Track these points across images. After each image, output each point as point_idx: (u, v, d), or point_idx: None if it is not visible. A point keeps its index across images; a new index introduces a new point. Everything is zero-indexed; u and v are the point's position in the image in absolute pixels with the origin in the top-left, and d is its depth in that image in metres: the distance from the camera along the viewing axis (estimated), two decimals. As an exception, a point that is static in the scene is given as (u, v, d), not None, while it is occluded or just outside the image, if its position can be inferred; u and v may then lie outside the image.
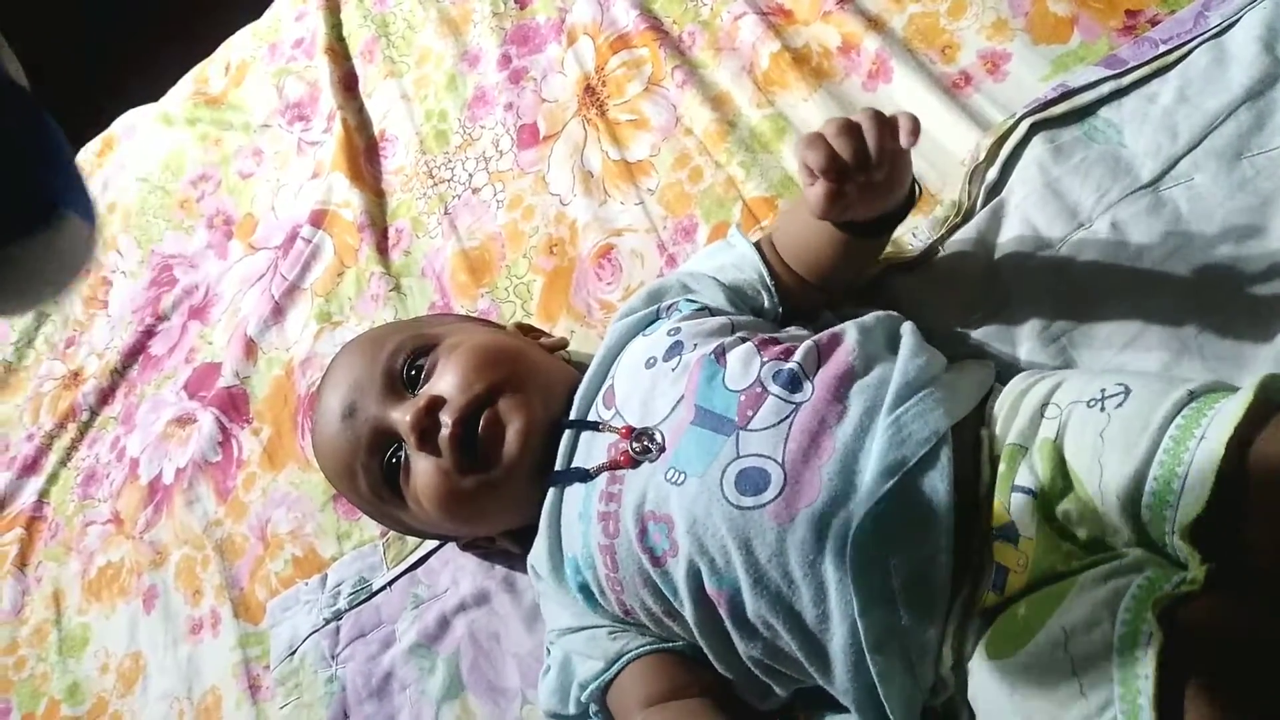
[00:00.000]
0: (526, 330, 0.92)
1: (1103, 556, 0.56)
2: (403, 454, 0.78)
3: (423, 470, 0.76)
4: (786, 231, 0.81)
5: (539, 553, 0.76)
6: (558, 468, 0.75)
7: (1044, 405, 0.63)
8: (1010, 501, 0.60)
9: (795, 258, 0.80)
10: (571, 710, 0.75)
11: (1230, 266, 0.73)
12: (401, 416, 0.76)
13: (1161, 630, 0.49)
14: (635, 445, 0.70)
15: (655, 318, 0.80)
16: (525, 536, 0.84)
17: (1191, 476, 0.53)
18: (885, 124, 0.64)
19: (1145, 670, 0.48)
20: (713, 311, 0.79)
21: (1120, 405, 0.59)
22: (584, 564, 0.72)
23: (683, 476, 0.66)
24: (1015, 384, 0.67)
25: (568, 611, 0.76)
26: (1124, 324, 0.75)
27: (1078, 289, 0.78)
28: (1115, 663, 0.50)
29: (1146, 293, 0.75)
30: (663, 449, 0.69)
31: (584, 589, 0.73)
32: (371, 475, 0.80)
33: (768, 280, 0.80)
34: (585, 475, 0.72)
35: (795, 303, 0.82)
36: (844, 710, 0.67)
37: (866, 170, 0.64)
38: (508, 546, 0.88)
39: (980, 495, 0.62)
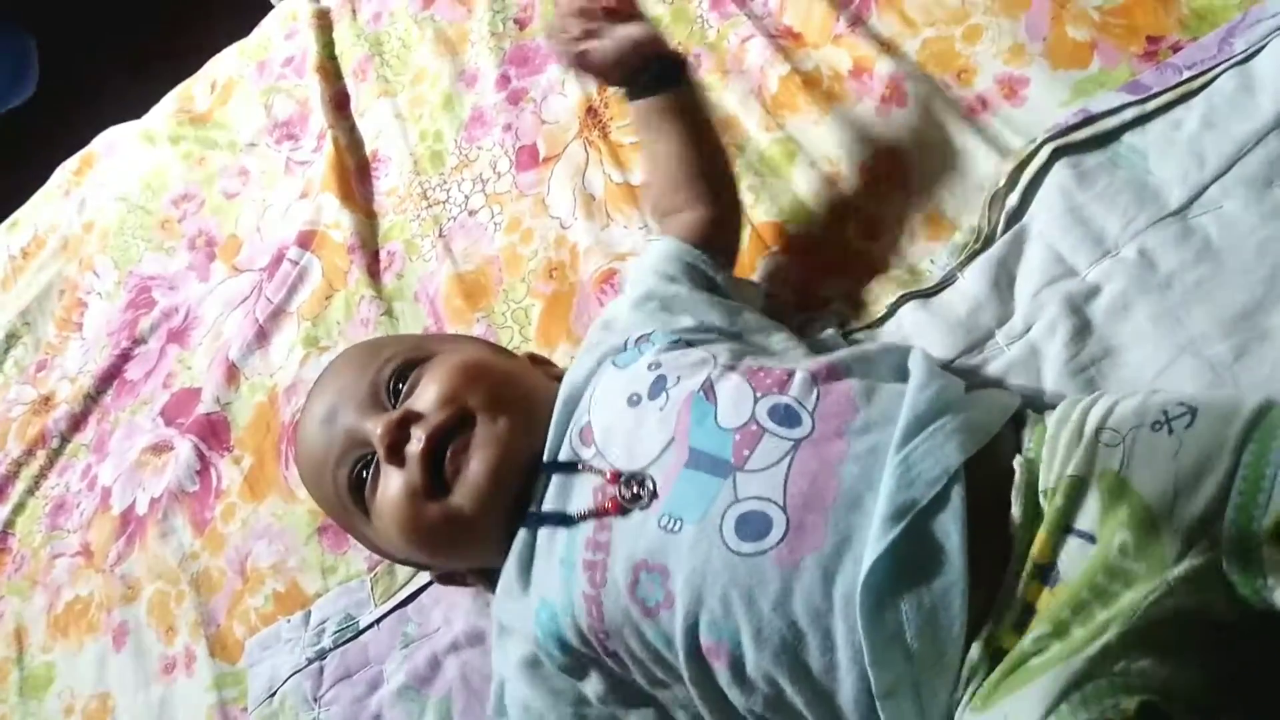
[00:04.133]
0: (537, 361, 0.88)
1: (1086, 636, 0.53)
2: (374, 467, 0.74)
3: (390, 487, 0.72)
4: (646, 186, 0.89)
5: (504, 595, 0.71)
6: (534, 509, 0.71)
7: (1099, 430, 0.60)
8: (1061, 542, 0.57)
9: (665, 191, 0.85)
10: None
11: (1263, 294, 0.71)
12: (375, 427, 0.73)
13: None
14: (625, 491, 0.66)
15: (623, 348, 0.76)
16: (496, 579, 0.80)
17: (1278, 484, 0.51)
18: None
19: None
20: (690, 343, 0.75)
21: (1190, 426, 0.56)
22: (561, 612, 0.67)
23: (679, 524, 0.62)
24: (1064, 410, 0.63)
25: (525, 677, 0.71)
26: (1154, 353, 0.73)
27: (1105, 318, 0.75)
28: None
29: (1177, 321, 0.73)
30: (654, 495, 0.65)
31: (557, 638, 0.68)
32: (340, 484, 0.76)
33: (683, 245, 0.81)
34: (568, 520, 0.68)
35: (722, 245, 0.84)
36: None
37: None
38: (478, 585, 0.83)
39: (1012, 529, 0.59)
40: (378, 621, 0.91)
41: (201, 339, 1.22)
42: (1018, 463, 0.61)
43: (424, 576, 0.90)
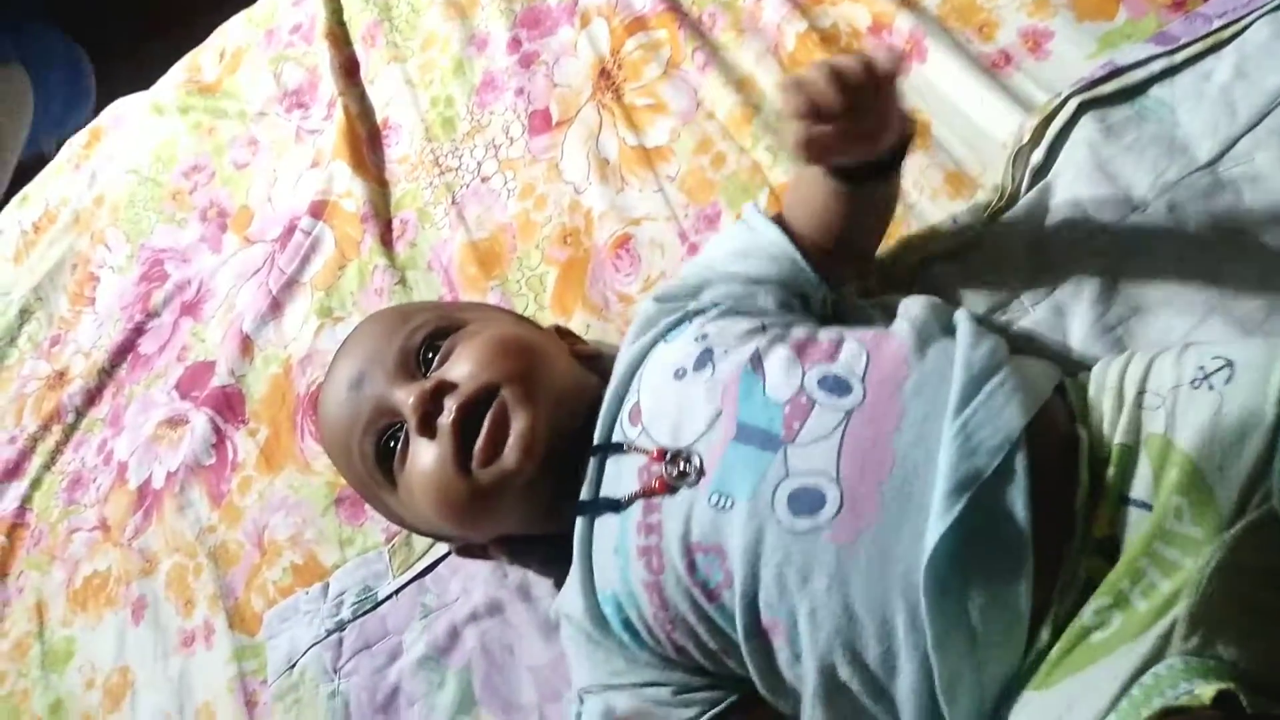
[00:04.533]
0: (563, 334, 0.86)
1: (1152, 610, 0.51)
2: (403, 437, 0.73)
3: (421, 457, 0.71)
4: (792, 202, 0.77)
5: (570, 593, 0.70)
6: (585, 496, 0.69)
7: (1140, 394, 0.58)
8: (1121, 514, 0.55)
9: (808, 225, 0.75)
10: None
11: (1298, 249, 0.69)
12: (406, 397, 0.71)
13: None
14: (670, 469, 0.63)
15: (676, 323, 0.74)
16: (521, 547, 0.81)
17: None
18: (868, 69, 0.60)
19: None
20: (741, 312, 0.73)
21: (1230, 380, 0.55)
22: (626, 602, 0.66)
23: (730, 501, 0.60)
24: (1100, 373, 0.62)
25: (610, 663, 0.69)
26: (1185, 311, 0.71)
27: (1133, 275, 0.74)
28: None
29: (1208, 277, 0.71)
30: (701, 472, 0.62)
31: (628, 626, 0.67)
32: (366, 453, 0.75)
33: (801, 262, 0.73)
34: (616, 505, 0.66)
35: (829, 278, 0.76)
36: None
37: (847, 116, 0.60)
38: (500, 557, 0.83)
39: (1078, 503, 0.57)
40: (396, 593, 0.91)
41: (215, 311, 1.21)
42: (1081, 431, 0.59)
43: (442, 547, 0.90)
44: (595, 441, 0.70)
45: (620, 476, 0.67)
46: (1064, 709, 0.51)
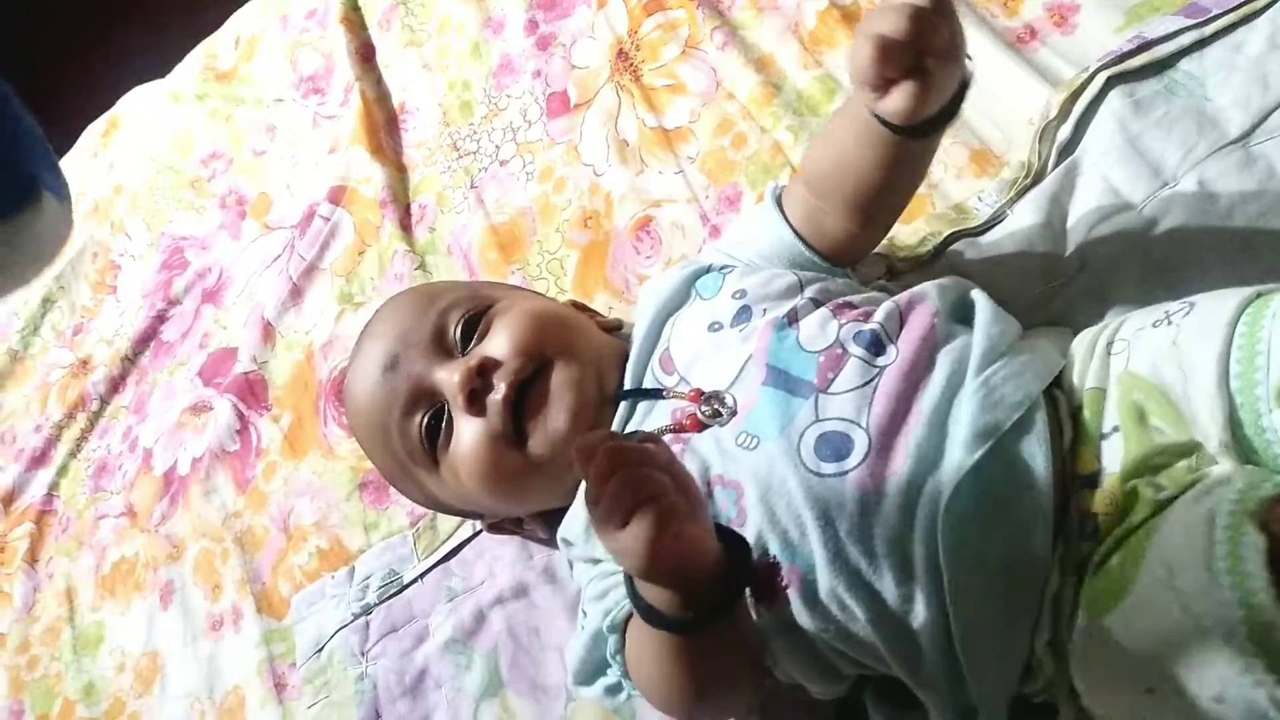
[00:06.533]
0: (581, 309, 0.87)
1: (1190, 480, 0.52)
2: (444, 417, 0.73)
3: (467, 436, 0.71)
4: (822, 158, 0.72)
5: (571, 519, 0.72)
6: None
7: (1111, 344, 0.60)
8: (1099, 451, 0.57)
9: (837, 190, 0.71)
10: (607, 650, 0.67)
11: (1331, 224, 0.68)
12: (449, 376, 0.72)
13: (1265, 536, 0.45)
14: (705, 409, 0.65)
15: (708, 269, 0.75)
16: (555, 521, 0.80)
17: (1274, 348, 0.52)
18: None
19: (1260, 583, 0.44)
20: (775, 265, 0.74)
21: (1187, 315, 0.57)
22: None
23: (755, 441, 0.62)
24: (1082, 336, 0.64)
25: (607, 566, 0.70)
26: (1215, 287, 0.69)
27: (1163, 251, 0.73)
28: (1227, 584, 0.45)
29: (1239, 253, 0.70)
30: (734, 412, 0.64)
31: None
32: (407, 436, 0.75)
33: (808, 253, 0.73)
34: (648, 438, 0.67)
35: (846, 257, 0.75)
36: (913, 704, 0.61)
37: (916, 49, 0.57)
38: (535, 530, 0.83)
39: (1065, 452, 0.58)
40: (421, 576, 0.91)
41: (235, 298, 1.21)
42: (1058, 394, 0.61)
43: (466, 531, 0.90)
44: (627, 385, 0.71)
45: (651, 420, 0.69)
46: (1165, 571, 0.49)
